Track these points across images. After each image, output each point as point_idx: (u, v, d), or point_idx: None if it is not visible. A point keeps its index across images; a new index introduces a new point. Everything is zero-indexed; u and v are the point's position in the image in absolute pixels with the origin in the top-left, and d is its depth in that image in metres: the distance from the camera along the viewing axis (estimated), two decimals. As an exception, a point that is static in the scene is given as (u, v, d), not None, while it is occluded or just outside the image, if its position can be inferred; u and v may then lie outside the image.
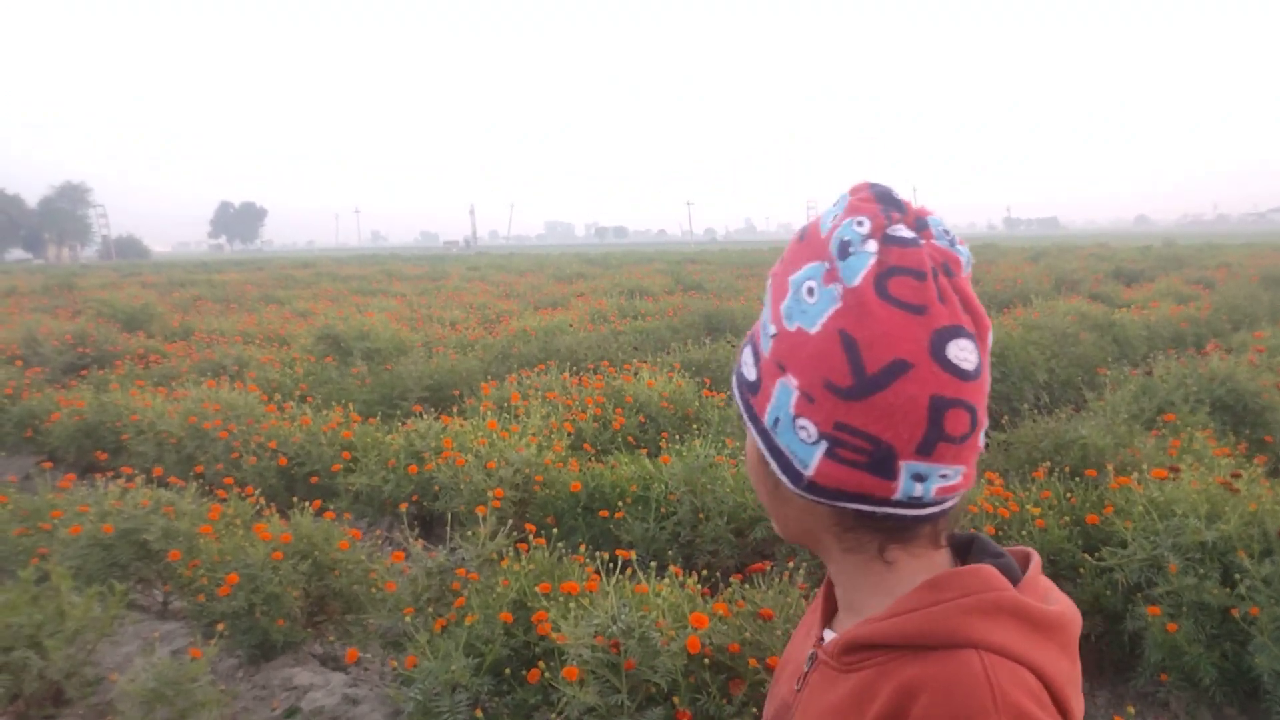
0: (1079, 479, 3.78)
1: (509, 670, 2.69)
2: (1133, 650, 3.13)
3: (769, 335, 0.77)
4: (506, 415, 5.14)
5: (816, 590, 1.02)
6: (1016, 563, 0.79)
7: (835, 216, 0.76)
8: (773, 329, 0.76)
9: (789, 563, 3.34)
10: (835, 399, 0.71)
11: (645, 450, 4.90)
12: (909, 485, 0.72)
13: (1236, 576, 2.86)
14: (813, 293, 0.73)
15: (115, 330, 11.07)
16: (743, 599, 2.67)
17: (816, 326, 0.72)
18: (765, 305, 0.79)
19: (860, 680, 0.75)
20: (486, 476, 4.25)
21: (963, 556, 0.81)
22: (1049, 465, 4.03)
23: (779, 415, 0.75)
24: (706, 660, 2.40)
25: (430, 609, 3.12)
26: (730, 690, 2.38)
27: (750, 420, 0.79)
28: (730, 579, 2.80)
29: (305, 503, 3.91)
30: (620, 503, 4.01)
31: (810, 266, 0.75)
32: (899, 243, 0.72)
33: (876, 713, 0.71)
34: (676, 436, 5.08)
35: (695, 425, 5.49)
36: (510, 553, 3.16)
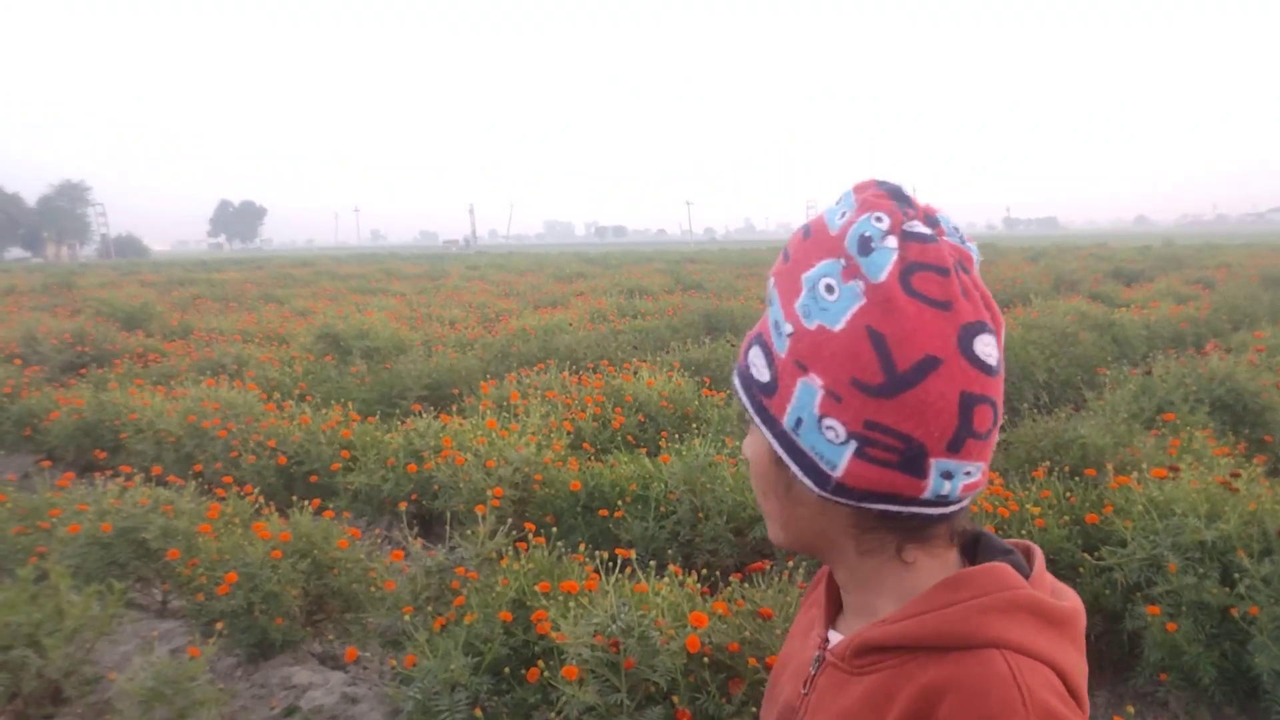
0: (1078, 478, 3.78)
1: (508, 669, 2.69)
2: (1132, 649, 3.13)
3: (784, 334, 0.74)
4: (506, 414, 5.14)
5: (807, 588, 1.01)
6: (1023, 559, 0.79)
7: (844, 213, 0.74)
8: (789, 327, 0.74)
9: (788, 562, 3.34)
10: (865, 397, 0.69)
11: (645, 449, 4.89)
12: (938, 483, 0.71)
13: (1236, 576, 2.86)
14: (832, 290, 0.71)
15: (114, 329, 11.06)
16: (742, 598, 2.67)
17: (841, 324, 0.70)
18: (773, 303, 0.77)
19: (875, 683, 0.73)
20: (486, 475, 4.25)
21: (969, 554, 0.80)
22: (1048, 465, 4.03)
23: (802, 416, 0.72)
24: (706, 659, 2.40)
25: (429, 608, 3.11)
26: (730, 689, 2.38)
27: (764, 422, 0.77)
28: (730, 578, 2.80)
29: (304, 501, 3.90)
30: (620, 502, 4.00)
31: (825, 263, 0.73)
32: (918, 239, 0.71)
33: (897, 716, 0.70)
34: (676, 436, 5.08)
35: (695, 424, 5.49)
36: (509, 552, 3.16)
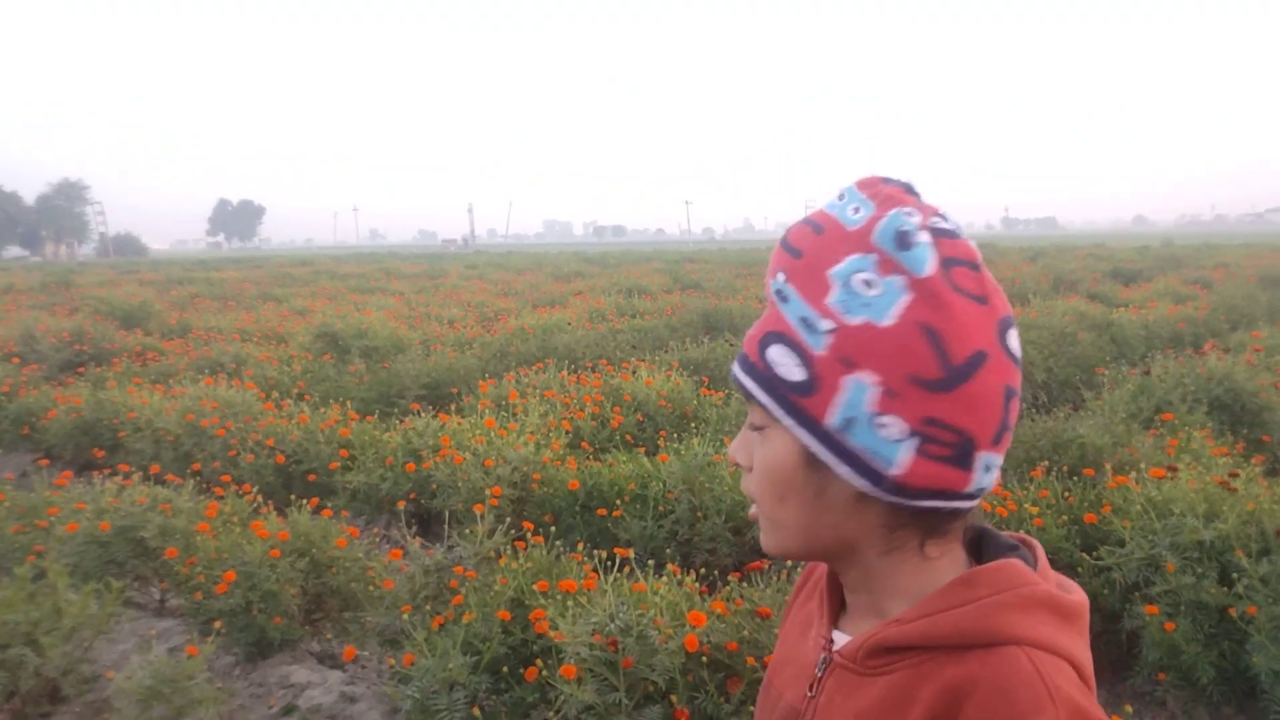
0: (1077, 478, 3.78)
1: (506, 668, 2.69)
2: (1130, 649, 3.13)
3: (823, 331, 0.71)
4: (504, 413, 5.14)
5: (795, 585, 0.99)
6: (1029, 554, 0.78)
7: (856, 208, 0.74)
8: (828, 324, 0.71)
9: (786, 561, 3.34)
10: (924, 393, 0.68)
11: (643, 449, 4.89)
12: (981, 477, 0.71)
13: (1234, 576, 2.86)
14: (871, 285, 0.70)
15: (113, 328, 11.05)
16: (740, 597, 2.67)
17: (889, 319, 0.69)
18: (791, 300, 0.73)
19: (892, 684, 0.73)
20: (484, 474, 4.25)
21: (973, 550, 0.80)
22: (1047, 464, 4.03)
23: (853, 415, 0.70)
24: (704, 658, 2.40)
25: (428, 607, 3.11)
26: (728, 688, 2.38)
27: (801, 424, 0.73)
28: (728, 577, 2.80)
29: (303, 500, 3.90)
30: (618, 501, 4.00)
31: (855, 259, 0.71)
32: (948, 234, 0.71)
33: (920, 717, 0.69)
34: (674, 435, 5.08)
35: (693, 424, 5.49)
36: (508, 551, 3.16)
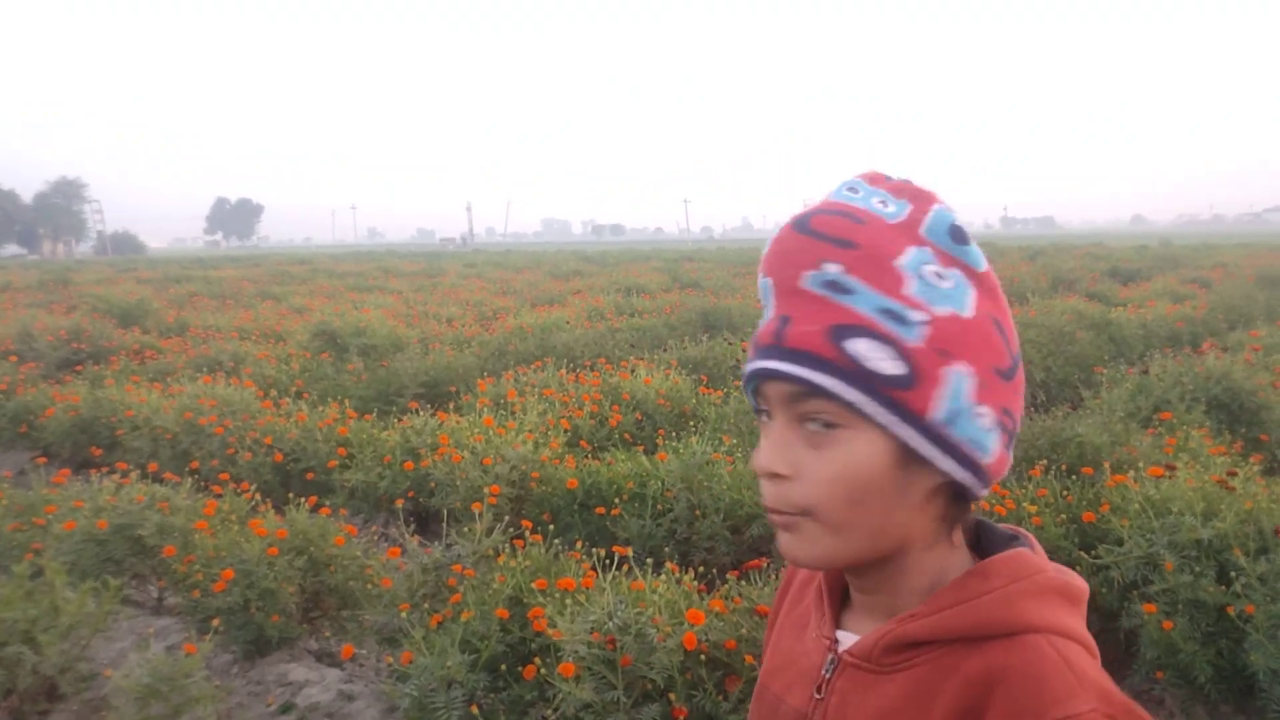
0: (1075, 477, 3.78)
1: (505, 666, 2.68)
2: (1128, 647, 3.13)
3: (916, 321, 0.69)
4: (503, 412, 5.13)
5: (780, 586, 0.98)
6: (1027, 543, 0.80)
7: (883, 201, 0.74)
8: (920, 315, 0.69)
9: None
10: (1001, 383, 0.71)
11: (642, 447, 4.89)
12: (1010, 461, 0.75)
13: (1232, 574, 2.86)
14: (943, 277, 0.71)
15: (110, 326, 11.02)
16: (739, 595, 2.67)
17: (969, 311, 0.70)
18: (862, 292, 0.69)
19: (912, 679, 0.72)
20: (483, 473, 4.24)
21: (972, 539, 0.80)
22: (1045, 463, 4.03)
23: (958, 406, 0.69)
24: (703, 657, 2.40)
25: (426, 605, 3.11)
26: (726, 687, 2.38)
27: (903, 420, 0.69)
28: (726, 576, 2.80)
29: (301, 499, 3.89)
30: (617, 500, 4.00)
31: (915, 251, 0.71)
32: (969, 232, 0.75)
33: (946, 710, 0.69)
34: (673, 434, 5.08)
35: (692, 422, 5.49)
36: (506, 549, 3.15)
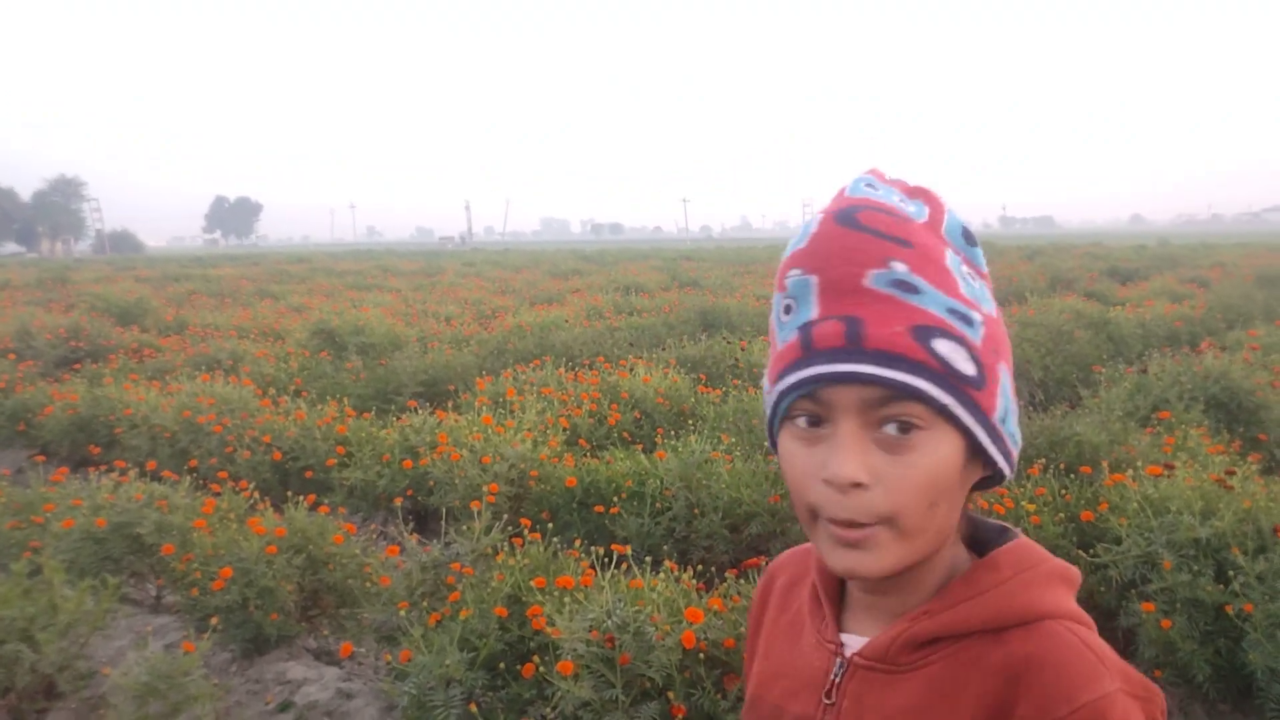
0: (1074, 476, 3.78)
1: (503, 665, 2.68)
2: (1127, 647, 3.13)
3: (977, 322, 0.69)
4: (502, 410, 5.13)
5: (757, 594, 0.95)
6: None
7: (902, 199, 0.73)
8: (979, 315, 0.70)
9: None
10: (1011, 377, 0.75)
11: (641, 446, 4.89)
12: None
13: (1230, 573, 2.86)
14: (973, 278, 0.73)
15: (109, 324, 11.02)
16: (738, 594, 2.67)
17: (994, 310, 0.74)
18: (928, 292, 0.68)
19: (932, 676, 0.72)
20: (481, 471, 4.24)
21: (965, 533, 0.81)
22: (1044, 462, 4.03)
23: (1007, 403, 0.72)
24: (701, 655, 2.40)
25: (425, 603, 3.11)
26: (725, 685, 2.38)
27: (976, 420, 0.68)
28: (725, 574, 2.80)
29: (299, 497, 3.89)
30: (615, 498, 4.00)
31: (949, 252, 0.72)
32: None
33: (976, 702, 0.68)
34: (672, 432, 5.08)
35: (690, 421, 5.48)
36: (505, 547, 3.15)
